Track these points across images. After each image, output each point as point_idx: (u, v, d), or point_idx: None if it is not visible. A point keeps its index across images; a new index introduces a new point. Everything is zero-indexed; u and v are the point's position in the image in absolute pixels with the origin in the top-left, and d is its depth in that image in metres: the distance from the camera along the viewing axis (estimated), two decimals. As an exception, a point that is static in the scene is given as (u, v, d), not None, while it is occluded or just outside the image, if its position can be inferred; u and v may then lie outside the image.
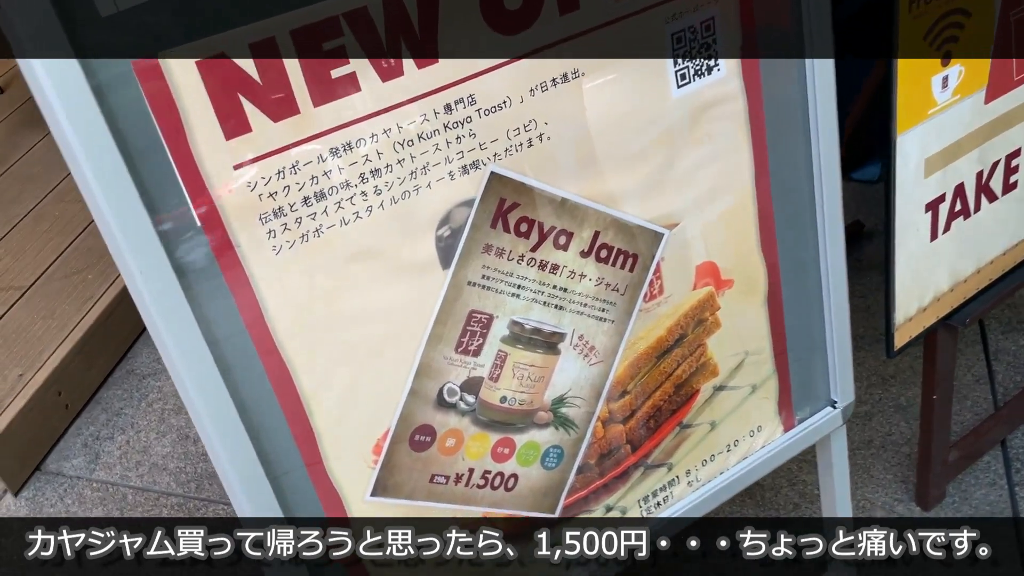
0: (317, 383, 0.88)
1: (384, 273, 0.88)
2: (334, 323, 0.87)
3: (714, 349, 1.15)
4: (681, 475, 1.19)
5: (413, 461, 0.98)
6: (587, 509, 1.13)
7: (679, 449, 1.18)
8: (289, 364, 0.86)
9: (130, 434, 1.94)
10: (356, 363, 0.90)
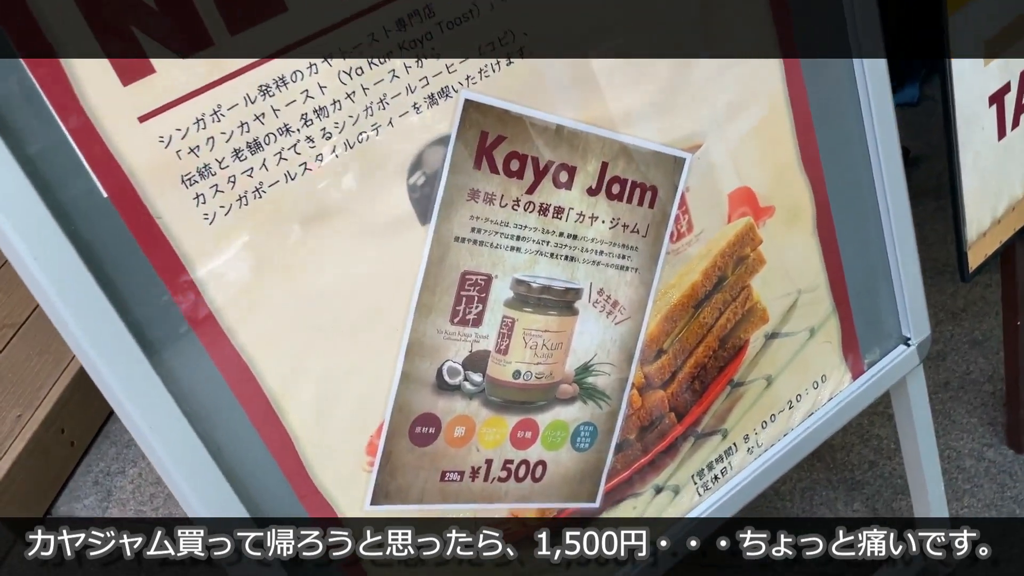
0: (284, 378, 0.73)
1: (350, 236, 0.73)
2: (296, 301, 0.72)
3: (761, 291, 0.98)
4: (739, 442, 1.03)
5: (418, 458, 0.82)
6: (632, 493, 0.97)
7: (733, 412, 1.01)
8: (246, 357, 0.71)
9: (141, 465, 1.81)
10: (330, 348, 0.74)
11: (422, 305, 0.78)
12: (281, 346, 0.72)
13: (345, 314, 0.74)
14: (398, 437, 0.80)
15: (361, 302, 0.75)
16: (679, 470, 0.99)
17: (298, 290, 0.71)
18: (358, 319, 0.75)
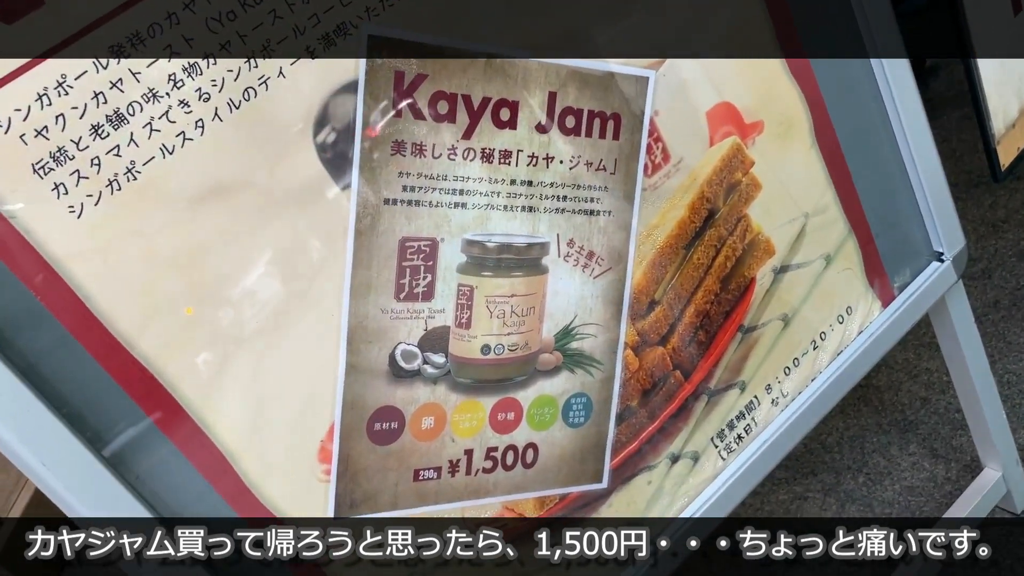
0: (204, 387, 0.63)
1: (254, 211, 0.62)
2: (201, 296, 0.61)
3: (761, 220, 0.86)
4: (760, 394, 0.90)
5: (383, 459, 0.72)
6: (645, 466, 0.85)
7: (748, 361, 0.89)
8: (154, 370, 0.61)
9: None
10: (254, 347, 0.64)
11: (357, 283, 0.67)
12: (192, 350, 0.62)
13: (265, 305, 0.64)
14: (355, 438, 0.70)
15: (282, 288, 0.64)
16: (695, 434, 0.87)
17: (201, 282, 0.61)
18: (282, 308, 0.65)
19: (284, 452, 0.67)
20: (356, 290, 0.67)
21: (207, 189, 0.60)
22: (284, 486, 0.68)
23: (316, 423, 0.68)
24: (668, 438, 0.86)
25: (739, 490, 0.89)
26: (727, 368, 0.88)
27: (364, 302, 0.68)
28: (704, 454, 0.88)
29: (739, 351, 0.88)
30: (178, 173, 0.59)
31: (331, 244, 0.65)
